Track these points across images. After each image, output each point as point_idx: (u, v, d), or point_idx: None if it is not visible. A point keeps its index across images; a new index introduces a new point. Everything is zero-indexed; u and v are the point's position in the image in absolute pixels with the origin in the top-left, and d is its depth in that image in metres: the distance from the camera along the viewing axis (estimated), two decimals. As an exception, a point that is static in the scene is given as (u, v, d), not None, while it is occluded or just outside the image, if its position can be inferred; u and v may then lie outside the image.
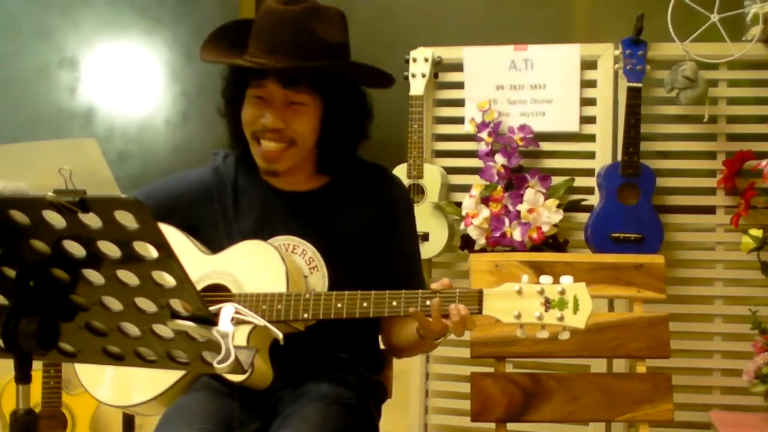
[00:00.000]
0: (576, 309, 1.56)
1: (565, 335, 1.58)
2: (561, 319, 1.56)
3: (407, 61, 2.82)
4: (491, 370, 2.07)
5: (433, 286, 1.64)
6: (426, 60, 2.81)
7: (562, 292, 1.56)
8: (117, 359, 1.21)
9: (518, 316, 1.57)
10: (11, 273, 1.14)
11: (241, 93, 1.79)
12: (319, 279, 1.78)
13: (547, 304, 1.57)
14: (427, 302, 1.61)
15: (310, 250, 1.79)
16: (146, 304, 1.13)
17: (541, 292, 1.57)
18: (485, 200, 2.70)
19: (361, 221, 1.84)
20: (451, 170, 2.87)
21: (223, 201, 1.86)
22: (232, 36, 1.81)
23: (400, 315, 1.65)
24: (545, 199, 2.66)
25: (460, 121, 2.87)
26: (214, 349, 1.15)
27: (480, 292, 1.60)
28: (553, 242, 2.67)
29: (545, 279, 1.58)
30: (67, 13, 3.51)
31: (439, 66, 2.85)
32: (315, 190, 1.86)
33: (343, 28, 1.77)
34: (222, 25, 1.84)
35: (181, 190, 1.90)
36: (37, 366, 2.71)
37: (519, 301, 1.58)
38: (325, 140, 1.80)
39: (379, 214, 1.84)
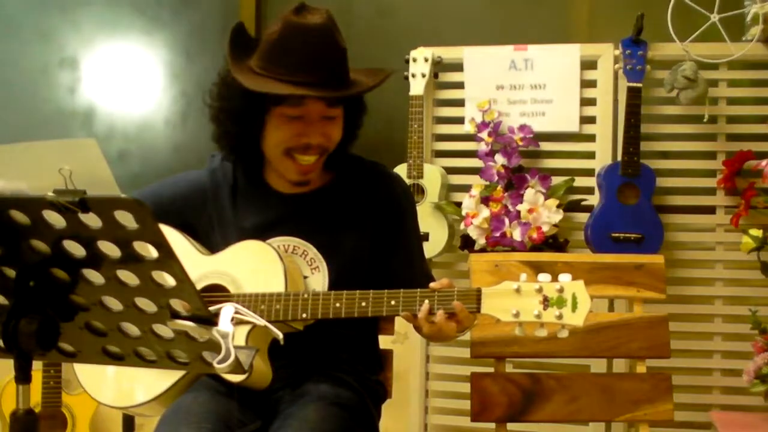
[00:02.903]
0: (575, 307, 1.56)
1: (563, 333, 1.58)
2: (559, 317, 1.56)
3: (407, 61, 2.82)
4: (491, 370, 2.07)
5: (432, 285, 1.65)
6: (426, 60, 2.80)
7: (561, 290, 1.56)
8: (117, 359, 1.21)
9: (517, 315, 1.57)
10: (11, 273, 1.14)
11: (261, 111, 1.76)
12: (320, 279, 1.78)
13: (546, 302, 1.56)
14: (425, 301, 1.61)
15: (311, 251, 1.79)
16: (146, 304, 1.13)
17: (540, 290, 1.57)
18: (485, 200, 2.70)
19: (362, 220, 1.84)
20: (451, 170, 2.87)
21: (219, 203, 1.86)
22: (242, 50, 1.79)
23: (399, 315, 1.65)
24: (545, 199, 2.66)
25: (460, 121, 2.86)
26: (214, 349, 1.15)
27: (478, 291, 1.60)
28: (553, 242, 2.67)
29: (543, 277, 1.57)
30: (67, 13, 3.50)
31: (439, 66, 2.85)
32: (314, 191, 1.86)
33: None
34: (233, 41, 1.79)
35: (177, 192, 1.89)
36: (37, 366, 2.71)
37: (517, 300, 1.58)
38: (342, 142, 1.83)
39: (380, 212, 1.85)
